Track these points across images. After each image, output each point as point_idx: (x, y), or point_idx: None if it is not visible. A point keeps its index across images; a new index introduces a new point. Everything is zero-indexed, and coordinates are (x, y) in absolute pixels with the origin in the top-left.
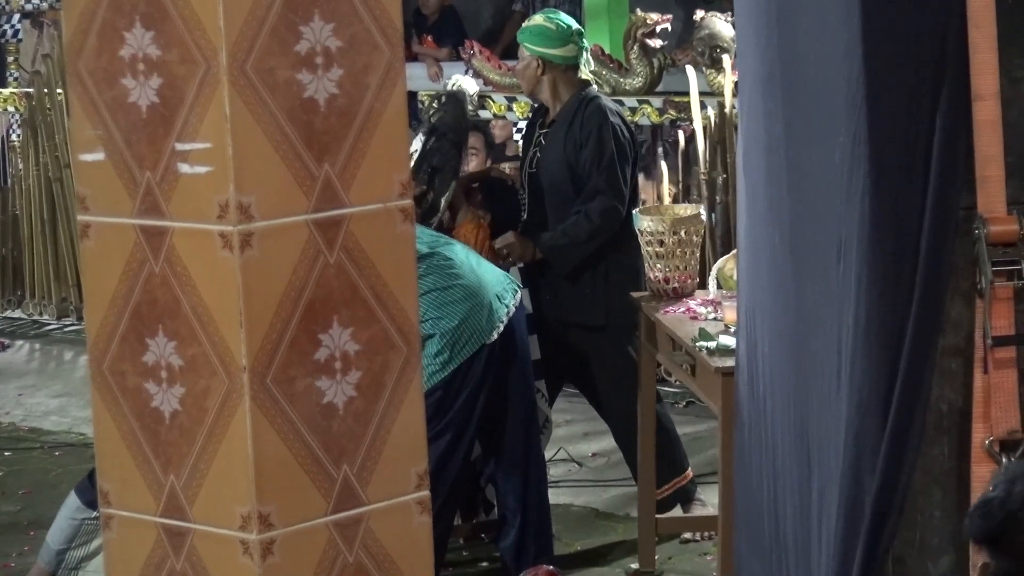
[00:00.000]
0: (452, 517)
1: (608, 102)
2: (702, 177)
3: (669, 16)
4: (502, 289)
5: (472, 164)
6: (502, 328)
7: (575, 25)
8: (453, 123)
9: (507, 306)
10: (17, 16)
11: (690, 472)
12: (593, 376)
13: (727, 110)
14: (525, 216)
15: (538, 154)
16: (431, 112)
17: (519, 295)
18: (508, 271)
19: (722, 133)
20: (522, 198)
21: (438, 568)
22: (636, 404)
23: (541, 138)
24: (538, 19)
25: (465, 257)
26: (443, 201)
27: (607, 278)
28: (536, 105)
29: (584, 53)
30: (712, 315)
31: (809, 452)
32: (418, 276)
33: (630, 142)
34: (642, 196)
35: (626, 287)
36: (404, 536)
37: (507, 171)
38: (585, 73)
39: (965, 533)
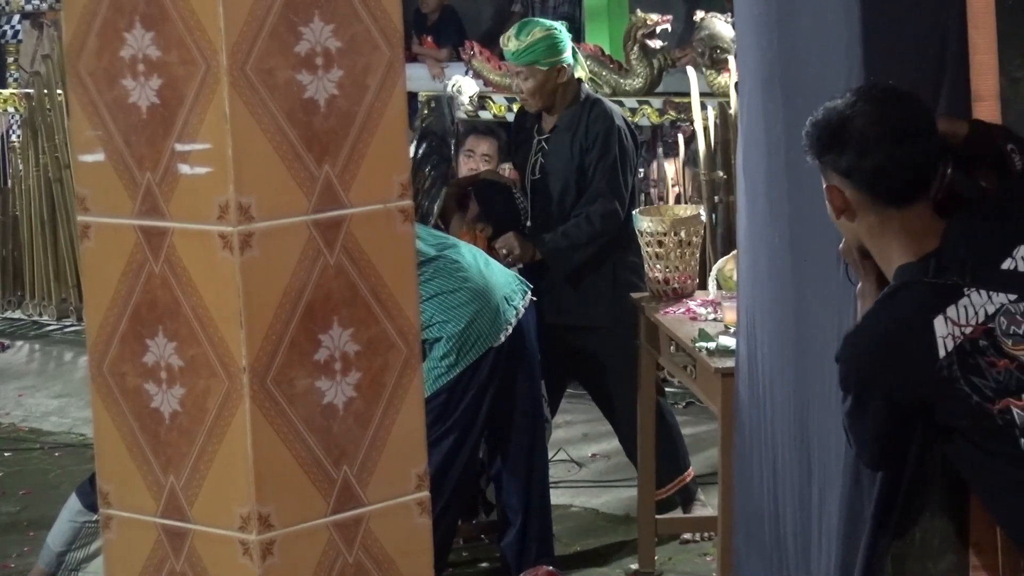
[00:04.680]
0: (455, 520)
1: (611, 105)
2: (702, 178)
3: (669, 17)
4: (511, 291)
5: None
6: (510, 331)
7: (560, 21)
8: (439, 128)
9: (515, 308)
10: (17, 17)
11: (692, 471)
12: (599, 376)
13: (731, 111)
14: (529, 222)
15: (541, 159)
16: (422, 117)
17: (528, 296)
18: None
19: (723, 134)
20: (519, 200)
21: (440, 569)
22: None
23: (543, 143)
24: (538, 32)
25: (473, 259)
26: (435, 208)
27: (614, 276)
28: (521, 110)
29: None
30: (712, 316)
31: (809, 452)
32: (425, 279)
33: (633, 146)
34: (653, 189)
35: (632, 284)
36: (404, 537)
37: (507, 172)
38: (582, 67)
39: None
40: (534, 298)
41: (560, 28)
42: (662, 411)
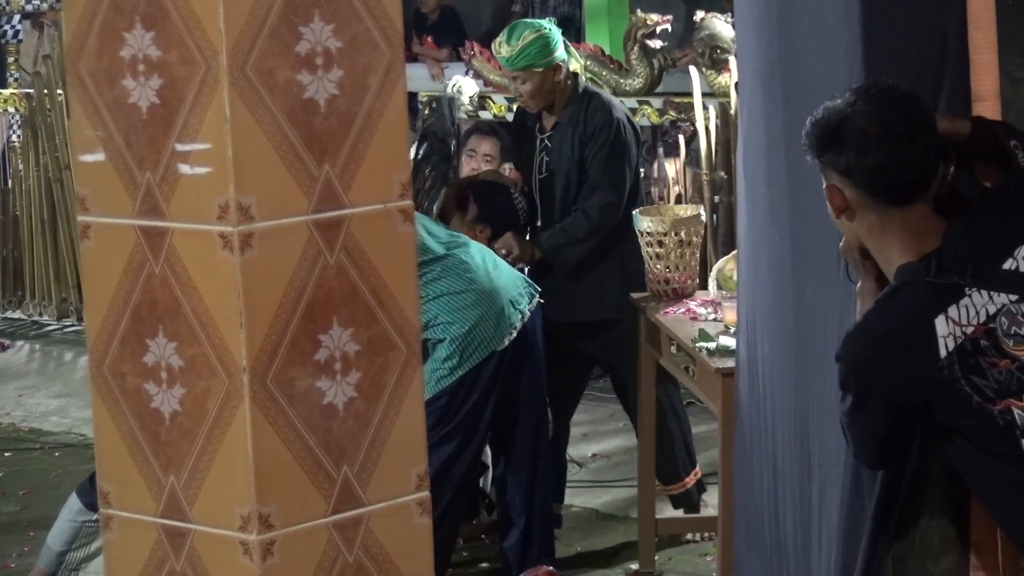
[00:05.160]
0: (457, 523)
1: (610, 97)
2: (703, 178)
3: (669, 17)
4: (518, 294)
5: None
6: (515, 335)
7: (550, 18)
8: (439, 128)
9: (521, 311)
10: (18, 17)
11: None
12: (615, 370)
13: (731, 111)
14: (539, 221)
15: (545, 158)
16: (423, 118)
17: (536, 300)
18: None
19: (724, 134)
20: (518, 200)
21: (442, 571)
22: (660, 395)
23: (546, 141)
24: (529, 35)
25: (481, 260)
26: (435, 208)
27: (621, 268)
28: (519, 110)
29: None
30: (712, 316)
31: (809, 452)
32: (432, 278)
33: (634, 137)
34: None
35: (641, 275)
36: (404, 537)
37: (507, 172)
38: (576, 60)
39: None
40: (542, 301)
41: (550, 27)
42: (675, 405)
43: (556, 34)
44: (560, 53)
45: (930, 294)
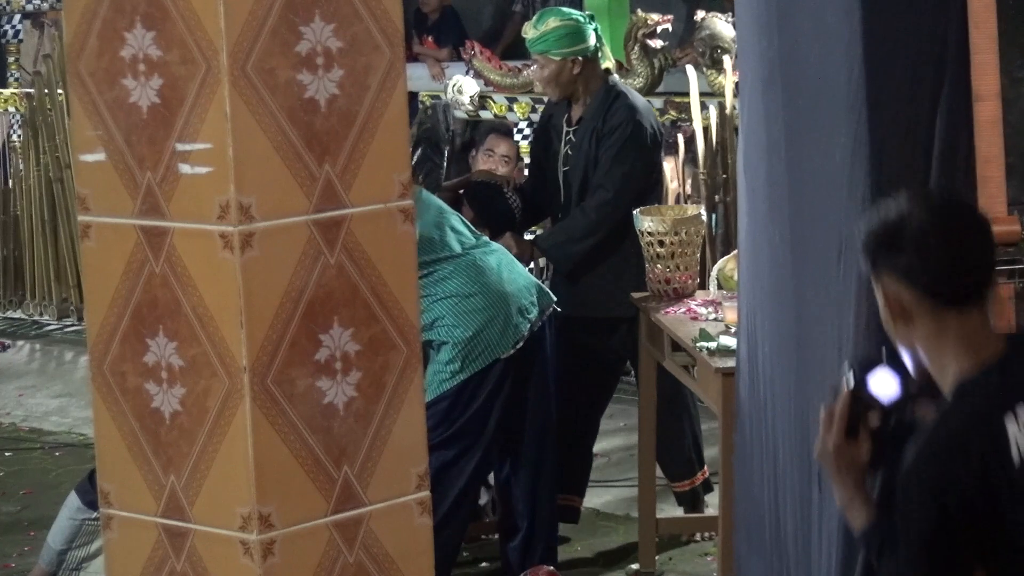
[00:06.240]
0: (460, 527)
1: (637, 99)
2: (702, 178)
3: (670, 16)
4: (528, 302)
5: (502, 173)
6: (521, 344)
7: (583, 12)
8: (434, 135)
9: (530, 320)
10: (18, 16)
11: None
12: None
13: (728, 110)
14: (560, 214)
15: (569, 151)
16: (419, 123)
17: (549, 308)
18: None
19: (722, 133)
20: (512, 198)
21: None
22: (673, 391)
23: (571, 134)
24: (552, 22)
25: (496, 264)
26: None
27: (638, 264)
28: (550, 101)
29: (601, 37)
30: (713, 315)
31: (810, 452)
32: (442, 277)
33: (654, 142)
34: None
35: None
36: (405, 536)
37: (515, 173)
38: (608, 59)
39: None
40: (559, 309)
41: (581, 19)
42: (687, 402)
43: (587, 29)
44: (584, 48)
45: (997, 394)
